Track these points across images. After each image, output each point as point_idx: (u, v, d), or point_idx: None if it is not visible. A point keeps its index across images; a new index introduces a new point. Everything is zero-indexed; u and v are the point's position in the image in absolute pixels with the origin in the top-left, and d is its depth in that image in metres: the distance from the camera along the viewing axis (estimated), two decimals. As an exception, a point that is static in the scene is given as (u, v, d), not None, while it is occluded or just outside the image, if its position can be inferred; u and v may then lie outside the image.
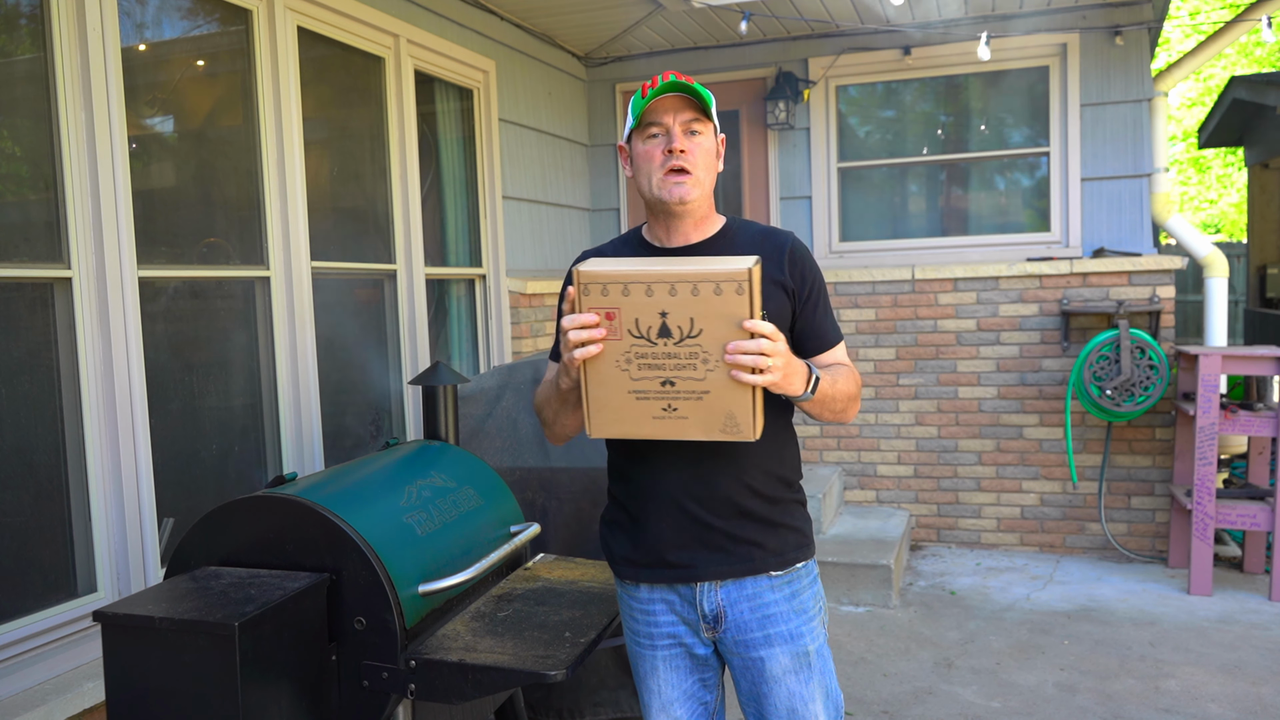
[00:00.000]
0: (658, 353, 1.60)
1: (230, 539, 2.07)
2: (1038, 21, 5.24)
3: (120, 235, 2.75)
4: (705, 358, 1.59)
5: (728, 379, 1.60)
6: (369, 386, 4.02)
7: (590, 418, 1.67)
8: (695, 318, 1.58)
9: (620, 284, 1.58)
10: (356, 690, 2.01)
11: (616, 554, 1.93)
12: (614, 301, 1.59)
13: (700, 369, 1.60)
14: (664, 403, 1.63)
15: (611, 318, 1.60)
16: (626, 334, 1.60)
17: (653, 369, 1.61)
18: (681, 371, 1.60)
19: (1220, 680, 3.66)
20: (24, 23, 2.64)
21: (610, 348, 1.61)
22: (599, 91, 6.03)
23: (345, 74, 3.93)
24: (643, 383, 1.62)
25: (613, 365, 1.62)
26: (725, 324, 1.57)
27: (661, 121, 1.81)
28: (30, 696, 2.42)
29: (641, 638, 1.93)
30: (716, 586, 1.84)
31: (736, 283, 1.55)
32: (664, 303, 1.58)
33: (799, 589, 1.88)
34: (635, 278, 1.58)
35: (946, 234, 5.63)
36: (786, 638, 1.85)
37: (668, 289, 1.57)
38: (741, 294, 1.56)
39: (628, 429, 1.66)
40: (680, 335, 1.58)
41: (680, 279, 1.57)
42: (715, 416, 1.62)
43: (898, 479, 5.52)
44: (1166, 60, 14.23)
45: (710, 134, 1.85)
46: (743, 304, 1.56)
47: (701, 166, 1.82)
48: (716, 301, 1.56)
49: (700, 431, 1.64)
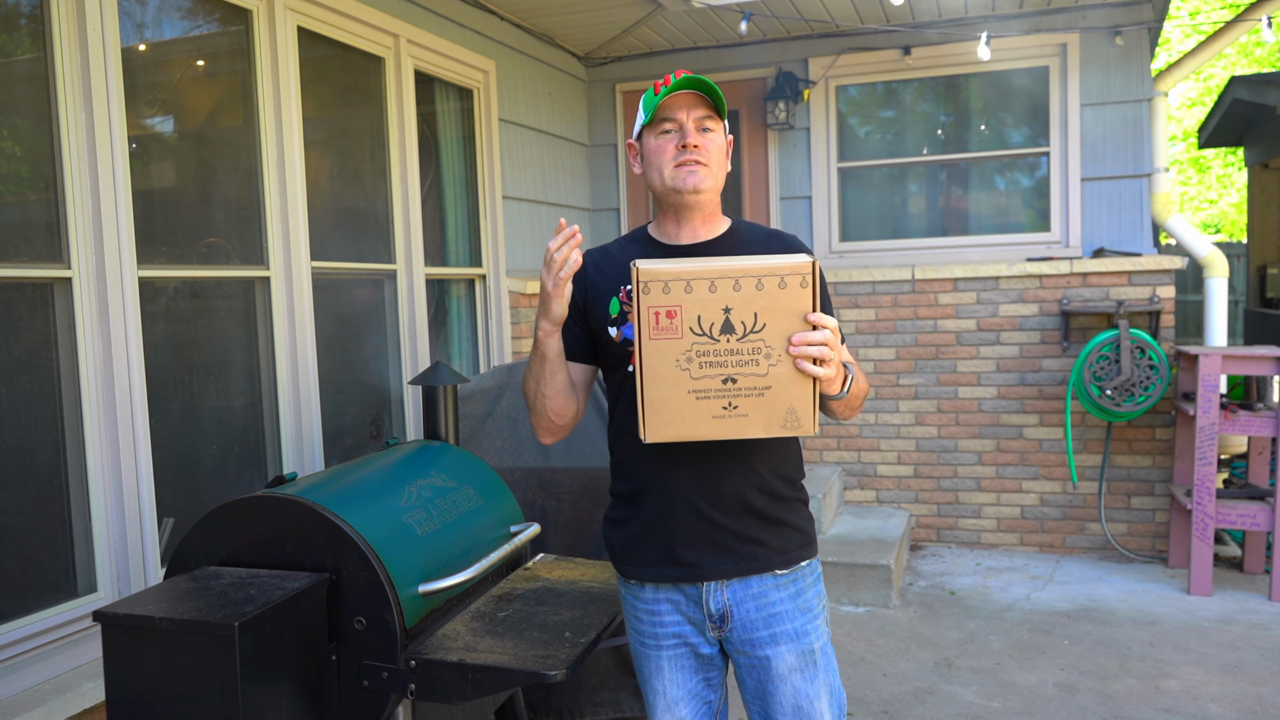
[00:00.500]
0: (719, 349, 1.58)
1: (230, 539, 2.07)
2: (1038, 21, 5.24)
3: (120, 235, 2.75)
4: (768, 352, 1.57)
5: (790, 373, 1.58)
6: (369, 386, 4.02)
7: (646, 421, 1.62)
8: (759, 312, 1.56)
9: (683, 281, 1.56)
10: (356, 690, 2.01)
11: (621, 553, 1.93)
12: (675, 299, 1.56)
13: (763, 364, 1.58)
14: (724, 401, 1.60)
15: (672, 316, 1.57)
16: (688, 332, 1.57)
17: (714, 366, 1.58)
18: (744, 368, 1.58)
19: (1220, 680, 3.66)
20: (24, 23, 2.64)
21: (670, 346, 1.58)
22: (599, 91, 6.03)
23: (345, 74, 3.93)
24: (704, 381, 1.59)
25: (672, 365, 1.58)
26: (789, 318, 1.56)
27: (675, 117, 1.82)
28: (30, 696, 2.42)
29: (646, 638, 1.93)
30: (723, 586, 1.85)
31: (801, 276, 1.55)
32: (728, 298, 1.56)
33: (803, 587, 1.89)
34: (698, 274, 1.56)
35: (946, 234, 5.63)
36: (792, 636, 1.85)
37: (731, 284, 1.56)
38: (805, 287, 1.55)
39: (685, 431, 1.62)
40: (744, 331, 1.57)
41: (745, 273, 1.55)
42: (777, 412, 1.60)
43: (898, 479, 5.52)
44: (1166, 60, 14.22)
45: (721, 132, 1.87)
46: (806, 297, 1.56)
47: (714, 161, 1.84)
48: (781, 295, 1.56)
49: (761, 429, 1.61)
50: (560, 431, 1.91)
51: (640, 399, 1.61)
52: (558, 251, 1.65)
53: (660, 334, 1.58)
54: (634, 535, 1.90)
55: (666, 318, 1.57)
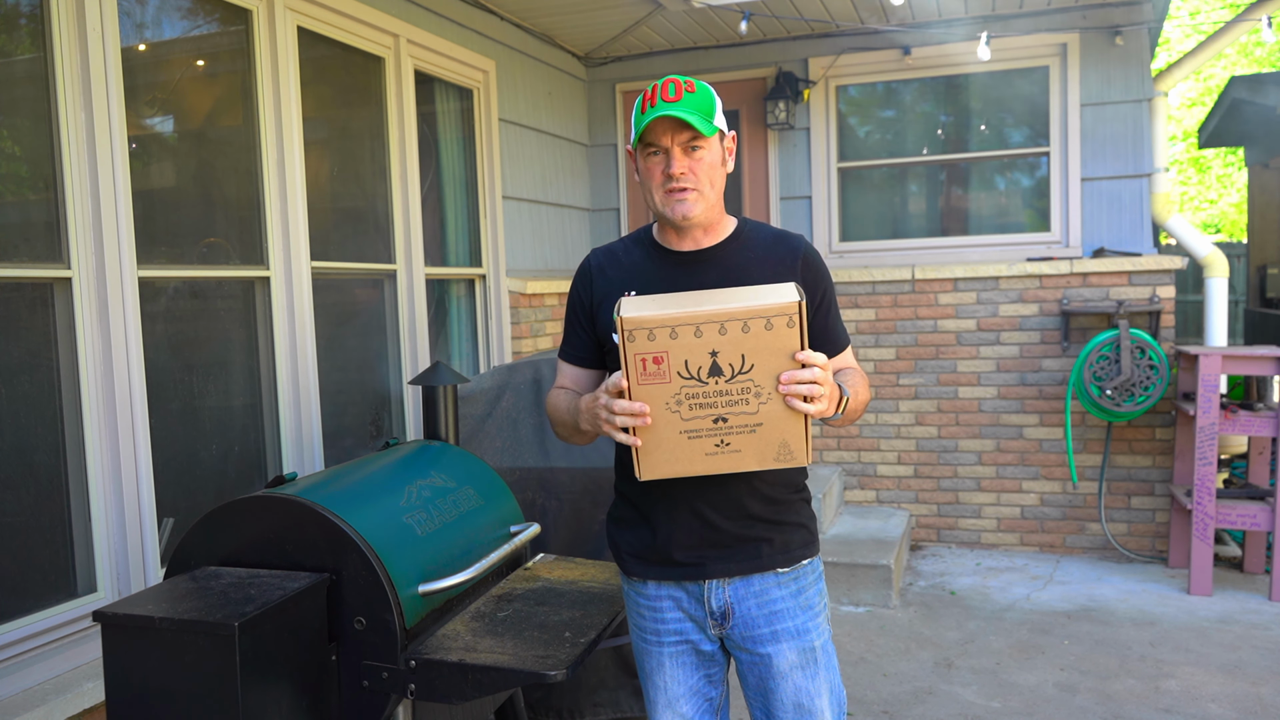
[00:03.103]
0: (709, 391, 1.58)
1: (230, 539, 2.07)
2: (1038, 21, 5.24)
3: (120, 235, 2.75)
4: (758, 391, 1.57)
5: (781, 409, 1.58)
6: (369, 386, 4.02)
7: (640, 462, 1.64)
8: (746, 354, 1.56)
9: (667, 327, 1.55)
10: (356, 690, 2.01)
11: (624, 551, 1.94)
12: (661, 346, 1.56)
13: (753, 403, 1.58)
14: (716, 439, 1.61)
15: (659, 361, 1.57)
16: (676, 376, 1.57)
17: (704, 407, 1.59)
18: (734, 407, 1.58)
19: (1220, 680, 3.66)
20: (24, 23, 2.64)
21: (658, 391, 1.58)
22: (599, 91, 6.03)
23: (345, 74, 3.93)
24: (694, 422, 1.60)
25: (662, 408, 1.59)
26: (776, 357, 1.56)
27: (659, 143, 1.79)
28: (30, 696, 2.42)
29: (648, 634, 1.94)
30: (724, 584, 1.86)
31: (787, 316, 1.54)
32: (713, 342, 1.55)
33: (805, 585, 1.90)
34: (683, 320, 1.55)
35: (946, 234, 5.63)
36: (793, 634, 1.86)
37: (717, 328, 1.55)
38: (793, 326, 1.54)
39: (679, 468, 1.64)
40: (732, 372, 1.57)
41: (730, 317, 1.54)
42: (769, 447, 1.61)
43: (898, 479, 5.52)
44: (1166, 60, 14.23)
45: (712, 146, 1.81)
46: (794, 336, 1.55)
47: (704, 182, 1.81)
48: (768, 336, 1.55)
49: (755, 462, 1.62)
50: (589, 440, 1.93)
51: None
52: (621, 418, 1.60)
53: (649, 379, 1.58)
54: (637, 534, 1.91)
55: (654, 363, 1.57)
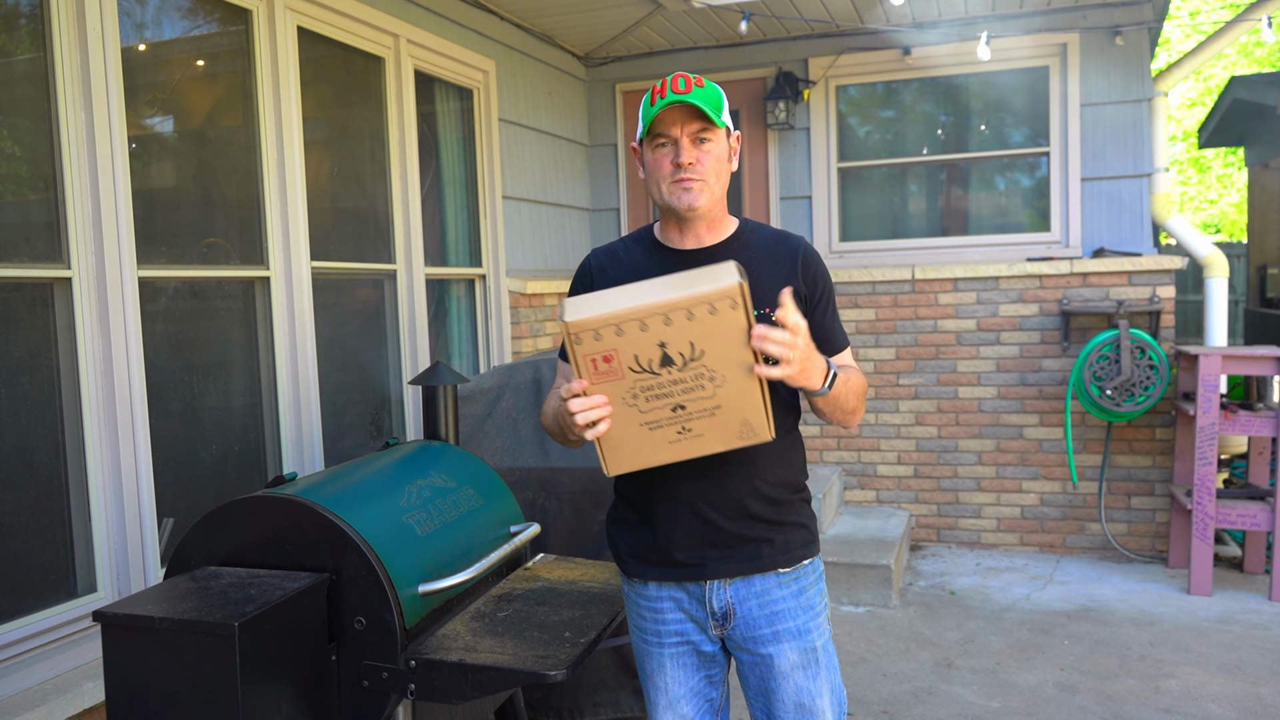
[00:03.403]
0: (663, 382, 1.58)
1: (230, 539, 2.07)
2: (1038, 21, 5.24)
3: (120, 235, 2.75)
4: (712, 375, 1.57)
5: (738, 389, 1.58)
6: (369, 386, 4.02)
7: (605, 458, 1.65)
8: (695, 341, 1.55)
9: (612, 325, 1.54)
10: (356, 690, 2.01)
11: (625, 552, 1.94)
12: (609, 344, 1.56)
13: (709, 387, 1.58)
14: (677, 426, 1.61)
15: (609, 359, 1.57)
16: (628, 371, 1.57)
17: (661, 398, 1.59)
18: (690, 394, 1.58)
19: (1220, 680, 3.66)
20: (24, 23, 2.64)
21: (613, 388, 1.58)
22: (599, 91, 6.02)
23: (345, 74, 3.93)
24: (653, 413, 1.60)
25: (620, 404, 1.60)
26: (726, 340, 1.55)
27: (668, 134, 1.80)
28: (30, 696, 2.41)
29: (649, 635, 1.94)
30: (725, 584, 1.86)
31: (730, 299, 1.53)
32: (660, 333, 1.55)
33: (805, 585, 1.90)
34: (627, 316, 1.54)
35: (946, 234, 5.63)
36: (794, 634, 1.86)
37: (662, 319, 1.54)
38: (737, 309, 1.53)
39: (645, 459, 1.65)
40: (683, 361, 1.56)
41: (673, 307, 1.53)
42: (731, 427, 1.61)
43: (898, 479, 5.52)
44: (1166, 60, 14.22)
45: (720, 140, 1.84)
46: (739, 319, 1.54)
47: (711, 174, 1.82)
48: (713, 321, 1.54)
49: (719, 444, 1.63)
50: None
51: (597, 440, 1.63)
52: (579, 415, 1.60)
53: (602, 378, 1.58)
54: (637, 535, 1.91)
55: (604, 361, 1.57)
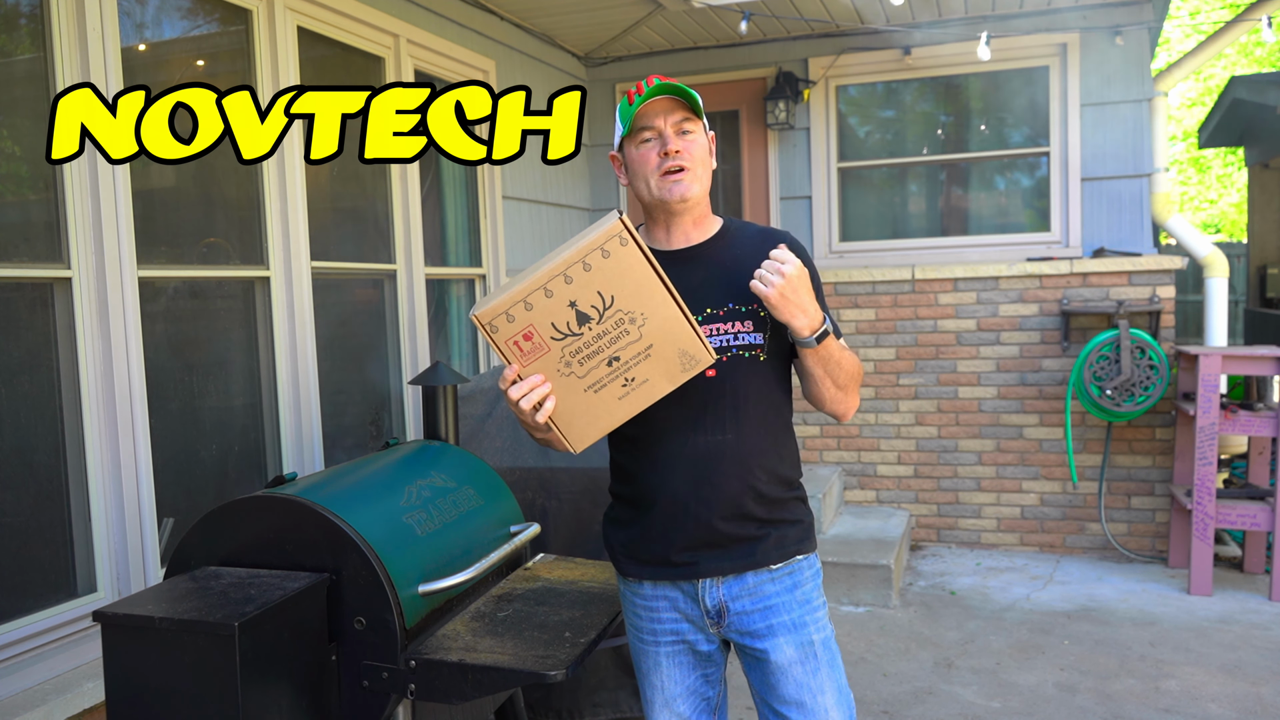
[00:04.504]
0: (588, 340, 1.60)
1: (230, 539, 2.07)
2: (1038, 21, 5.24)
3: (120, 235, 2.75)
4: (632, 317, 1.60)
5: (662, 323, 1.60)
6: (369, 386, 4.02)
7: (566, 437, 1.66)
8: (601, 289, 1.58)
9: (519, 302, 1.58)
10: (356, 690, 2.01)
11: (620, 552, 1.94)
12: (522, 321, 1.59)
13: (633, 330, 1.60)
14: (620, 380, 1.63)
15: (530, 337, 1.60)
16: (551, 342, 1.60)
17: (593, 356, 1.61)
18: (619, 343, 1.61)
19: (1220, 680, 3.66)
20: (24, 23, 2.64)
21: (544, 363, 1.61)
22: (599, 91, 6.03)
23: (345, 74, 3.93)
24: (591, 374, 1.62)
25: (557, 376, 1.62)
26: (631, 278, 1.58)
27: (653, 125, 1.81)
28: (30, 696, 2.41)
29: (645, 634, 1.94)
30: (718, 583, 1.86)
31: (617, 236, 1.56)
32: (566, 293, 1.58)
33: (800, 580, 1.89)
34: (529, 288, 1.58)
35: (946, 234, 5.63)
36: (790, 627, 1.85)
37: (562, 279, 1.57)
38: (626, 244, 1.56)
39: (604, 424, 1.66)
40: (599, 313, 1.59)
41: (568, 264, 1.57)
42: (671, 361, 1.63)
43: (898, 479, 5.52)
44: (1166, 60, 14.22)
45: (701, 132, 1.86)
46: (634, 253, 1.57)
47: (698, 163, 1.83)
48: (610, 264, 1.57)
49: (667, 383, 1.64)
50: None
51: (551, 419, 1.64)
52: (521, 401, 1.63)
53: (530, 358, 1.61)
54: (632, 535, 1.91)
55: (525, 340, 1.60)
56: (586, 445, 1.68)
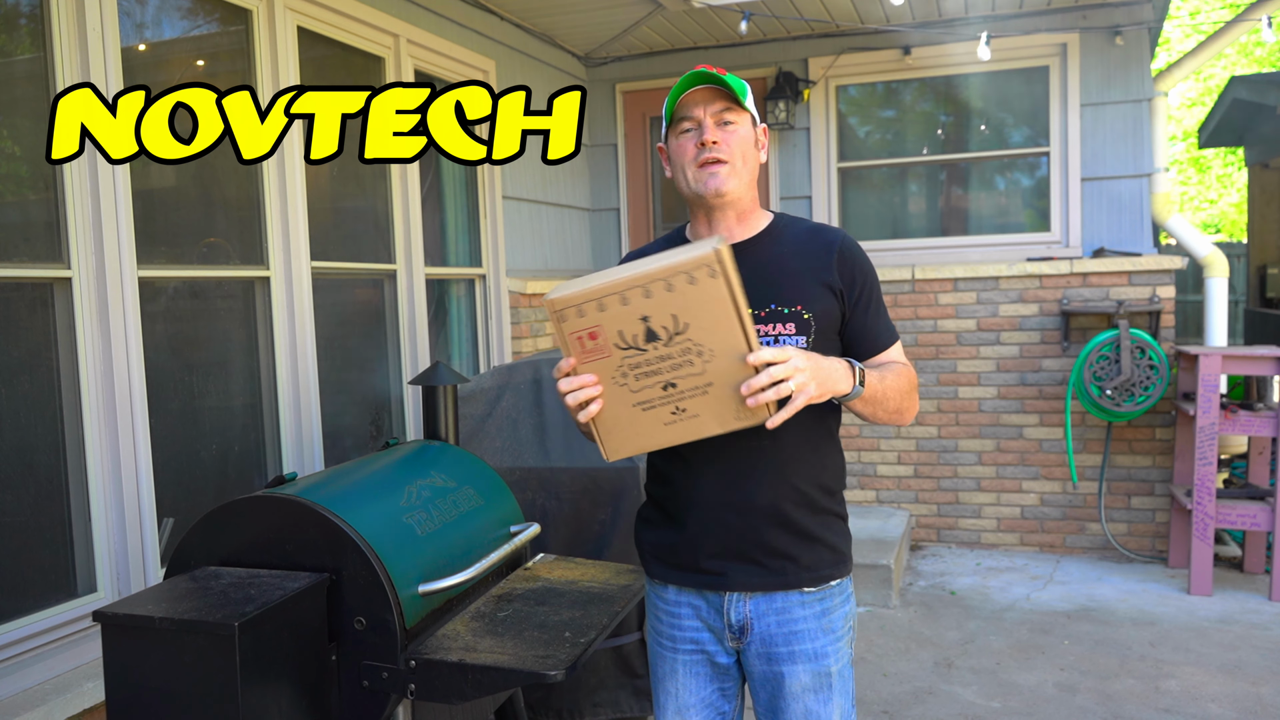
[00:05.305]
0: (650, 358, 1.55)
1: (230, 539, 2.07)
2: (1038, 21, 5.24)
3: (120, 235, 2.75)
4: (700, 350, 1.54)
5: (728, 366, 1.54)
6: (369, 386, 4.02)
7: (604, 443, 1.62)
8: (678, 314, 1.52)
9: (594, 300, 1.53)
10: (356, 690, 2.01)
11: (648, 553, 1.91)
12: (592, 320, 1.54)
13: (698, 363, 1.54)
14: (670, 407, 1.57)
15: (595, 337, 1.55)
16: (614, 349, 1.55)
17: (650, 376, 1.56)
18: (679, 371, 1.55)
19: (1220, 680, 3.66)
20: (24, 23, 2.64)
21: (602, 366, 1.56)
22: (599, 91, 6.02)
23: (345, 74, 3.93)
24: (644, 392, 1.57)
25: (610, 383, 1.57)
26: (709, 312, 1.52)
27: (692, 115, 1.76)
28: (30, 696, 2.42)
29: (664, 639, 1.90)
30: (746, 598, 1.81)
31: (708, 267, 1.49)
32: (642, 307, 1.52)
33: (830, 607, 1.83)
34: (606, 290, 1.52)
35: (946, 234, 5.63)
36: (810, 656, 1.80)
37: (641, 292, 1.52)
38: (716, 277, 1.50)
39: (643, 443, 1.61)
40: (668, 335, 1.53)
41: (652, 278, 1.51)
42: (727, 407, 1.57)
43: (898, 479, 5.52)
44: (1166, 60, 14.22)
45: (745, 123, 1.79)
46: (720, 288, 1.50)
47: (738, 155, 1.76)
48: (694, 291, 1.51)
49: (716, 426, 1.58)
50: None
51: (593, 422, 1.60)
52: (569, 396, 1.59)
53: (589, 356, 1.56)
54: (662, 537, 1.87)
55: (590, 339, 1.55)
56: (621, 457, 1.63)
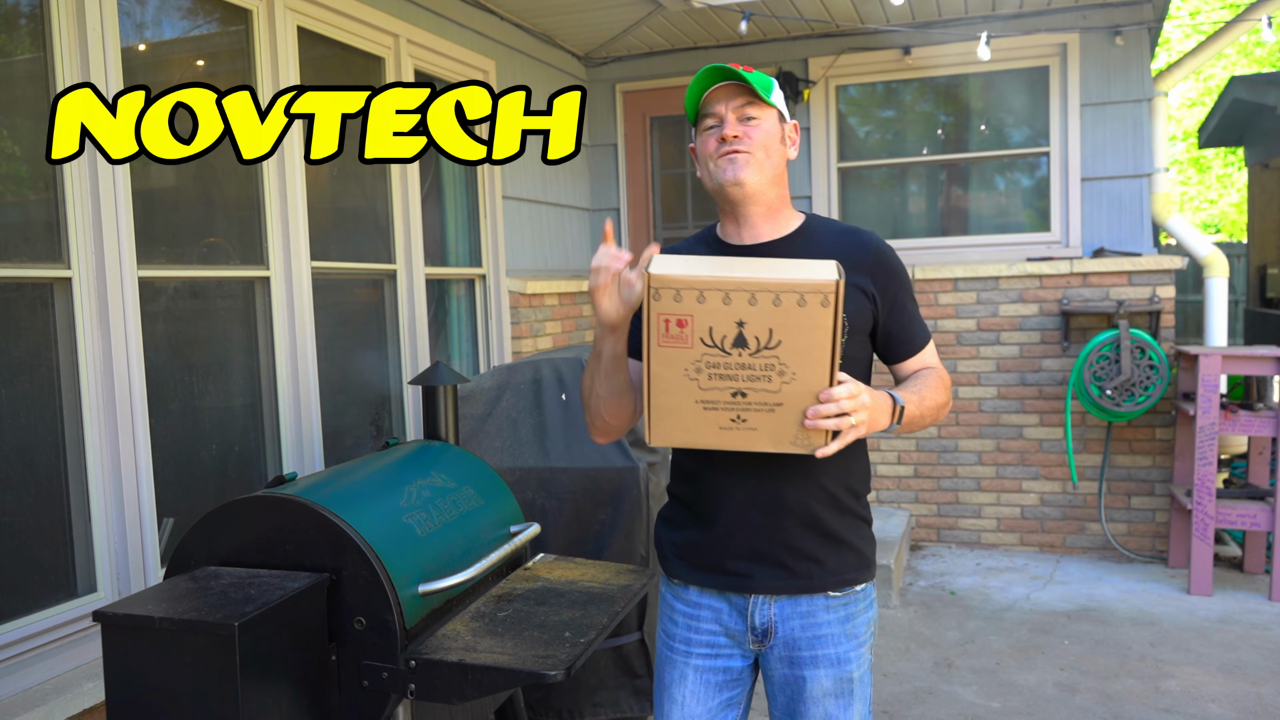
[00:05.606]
0: (731, 363, 1.51)
1: (230, 539, 2.07)
2: (1038, 21, 5.24)
3: (120, 235, 2.75)
4: (782, 369, 1.51)
5: (804, 391, 1.52)
6: (369, 386, 4.02)
7: (651, 425, 1.58)
8: (775, 329, 1.49)
9: (695, 290, 1.48)
10: (356, 690, 2.01)
11: (670, 552, 1.88)
12: (687, 308, 1.49)
13: (775, 381, 1.51)
14: (733, 414, 1.55)
15: (683, 324, 1.50)
16: (698, 342, 1.51)
17: (724, 379, 1.52)
18: (755, 383, 1.52)
19: (1220, 680, 3.66)
20: (24, 23, 2.64)
21: (679, 355, 1.52)
22: (599, 91, 6.03)
23: (345, 74, 3.93)
24: (712, 393, 1.54)
25: (680, 373, 1.53)
26: (806, 336, 1.49)
27: (714, 111, 1.74)
28: (30, 696, 2.42)
29: (677, 642, 1.87)
30: (771, 601, 1.79)
31: (822, 295, 1.46)
32: (742, 311, 1.49)
33: (854, 612, 1.82)
34: (712, 284, 1.48)
35: (946, 234, 5.63)
36: (833, 661, 1.79)
37: (747, 297, 1.48)
38: (827, 306, 1.47)
39: (691, 439, 1.59)
40: (757, 346, 1.50)
41: (762, 287, 1.47)
42: (786, 429, 1.55)
43: (898, 479, 5.52)
44: (1166, 60, 14.22)
45: (770, 119, 1.75)
46: (827, 317, 1.47)
47: (759, 148, 1.73)
48: (799, 313, 1.47)
49: (769, 444, 1.56)
50: (614, 432, 1.83)
51: (647, 402, 1.57)
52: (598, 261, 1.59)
53: (669, 342, 1.52)
54: (687, 538, 1.85)
55: (677, 326, 1.51)
56: (663, 444, 1.61)
